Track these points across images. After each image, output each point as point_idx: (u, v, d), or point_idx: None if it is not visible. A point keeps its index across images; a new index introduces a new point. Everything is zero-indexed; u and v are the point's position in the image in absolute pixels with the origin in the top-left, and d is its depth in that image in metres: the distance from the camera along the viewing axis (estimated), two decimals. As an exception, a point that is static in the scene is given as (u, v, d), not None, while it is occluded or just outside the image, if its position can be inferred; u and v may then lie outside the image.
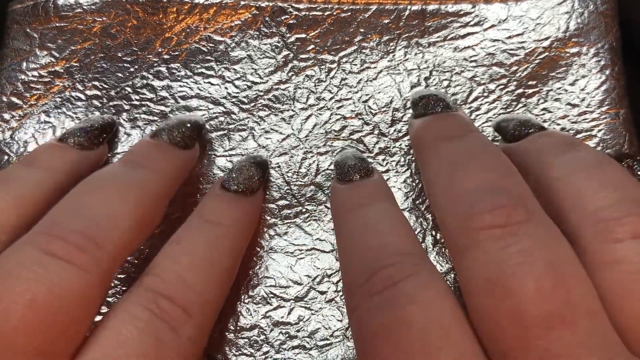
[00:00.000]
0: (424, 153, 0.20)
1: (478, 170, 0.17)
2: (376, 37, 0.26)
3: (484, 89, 0.25)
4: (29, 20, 0.26)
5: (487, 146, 0.19)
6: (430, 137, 0.20)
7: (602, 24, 0.25)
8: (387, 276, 0.16)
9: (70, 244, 0.16)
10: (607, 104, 0.24)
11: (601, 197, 0.16)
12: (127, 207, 0.18)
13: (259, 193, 0.22)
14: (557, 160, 0.18)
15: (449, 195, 0.17)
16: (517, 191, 0.17)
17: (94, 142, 0.22)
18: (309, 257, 0.23)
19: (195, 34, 0.26)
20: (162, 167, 0.20)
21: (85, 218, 0.16)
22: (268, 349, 0.22)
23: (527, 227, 0.15)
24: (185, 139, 0.22)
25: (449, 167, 0.18)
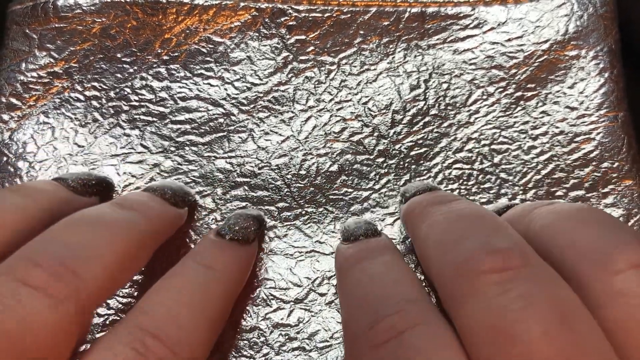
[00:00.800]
0: (414, 220, 0.20)
1: (470, 224, 0.17)
2: (376, 39, 0.26)
3: (483, 92, 0.25)
4: (29, 21, 0.26)
5: (477, 207, 0.19)
6: (420, 207, 0.20)
7: (602, 27, 0.25)
8: (391, 325, 0.16)
9: (47, 272, 0.15)
10: (606, 107, 0.24)
11: (592, 233, 0.16)
12: (112, 242, 0.17)
13: (254, 244, 0.22)
14: (539, 213, 0.18)
15: (442, 248, 0.17)
16: (511, 237, 0.16)
17: (87, 191, 0.22)
18: (308, 259, 0.23)
19: (195, 35, 0.26)
20: (151, 213, 0.20)
21: (66, 247, 0.16)
22: (268, 351, 0.22)
23: (525, 271, 0.15)
24: (176, 198, 0.22)
25: (440, 226, 0.18)
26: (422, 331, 0.15)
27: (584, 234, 0.16)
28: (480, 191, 0.24)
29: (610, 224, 0.16)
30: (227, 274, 0.19)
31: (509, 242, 0.16)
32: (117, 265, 0.17)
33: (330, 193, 0.24)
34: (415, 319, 0.16)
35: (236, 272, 0.20)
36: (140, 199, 0.20)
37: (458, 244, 0.16)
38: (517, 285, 0.14)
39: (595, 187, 0.23)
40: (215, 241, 0.21)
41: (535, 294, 0.14)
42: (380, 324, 0.16)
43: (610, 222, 0.17)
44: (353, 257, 0.20)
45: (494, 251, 0.15)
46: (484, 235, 0.16)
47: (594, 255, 0.15)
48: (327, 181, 0.24)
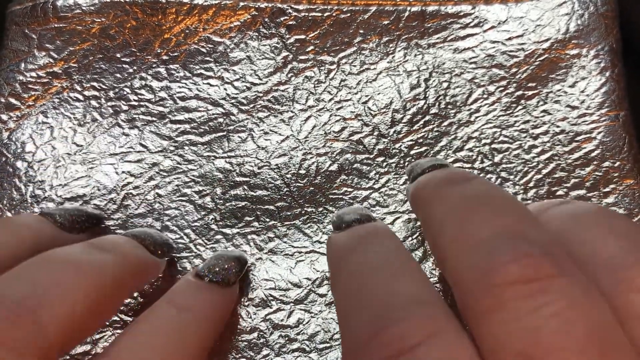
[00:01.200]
0: (426, 203, 0.18)
1: (491, 214, 0.15)
2: (376, 38, 0.25)
3: (483, 91, 0.25)
4: (28, 21, 0.26)
5: (496, 189, 0.16)
6: (431, 187, 0.18)
7: (603, 26, 0.25)
8: (400, 336, 0.13)
9: (5, 309, 0.14)
10: (607, 106, 0.24)
11: (613, 244, 0.14)
12: (79, 284, 0.16)
13: (234, 287, 0.21)
14: (553, 215, 0.16)
15: (460, 246, 0.15)
16: (539, 238, 0.14)
17: (75, 227, 0.21)
18: (308, 259, 0.23)
19: (194, 35, 0.26)
20: (127, 256, 0.19)
21: (28, 286, 0.15)
22: (268, 352, 0.21)
23: (559, 284, 0.13)
24: (155, 246, 0.21)
25: (457, 214, 0.15)
26: (438, 346, 0.13)
27: (604, 245, 0.14)
28: None
29: (631, 234, 0.15)
30: (204, 317, 0.18)
31: (538, 244, 0.14)
32: (84, 310, 0.16)
33: (330, 192, 0.24)
34: (428, 329, 0.13)
35: (214, 314, 0.19)
36: (116, 240, 0.19)
37: (481, 244, 0.14)
38: (551, 301, 0.12)
39: (597, 186, 0.23)
40: (193, 282, 0.19)
41: (572, 316, 0.12)
42: (385, 333, 0.13)
43: (630, 231, 0.15)
44: (347, 245, 0.18)
45: (524, 256, 0.13)
46: (509, 232, 0.14)
47: (617, 270, 0.14)
48: (327, 181, 0.24)
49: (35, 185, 0.24)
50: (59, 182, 0.24)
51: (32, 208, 0.24)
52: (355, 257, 0.17)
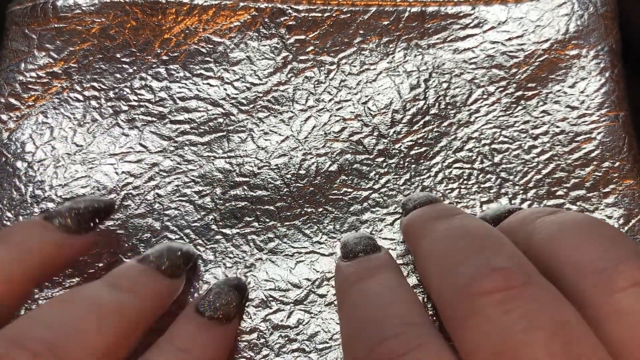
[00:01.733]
0: (415, 236, 0.20)
1: (471, 241, 0.17)
2: (375, 39, 0.26)
3: (483, 91, 0.25)
4: (28, 21, 0.26)
5: (478, 221, 0.19)
6: (421, 221, 0.20)
7: (602, 26, 0.25)
8: (390, 349, 0.15)
9: (30, 352, 0.15)
10: (607, 107, 0.24)
11: (594, 249, 0.16)
12: (100, 328, 0.16)
13: (235, 320, 0.21)
14: (541, 224, 0.18)
15: (443, 267, 0.17)
16: (513, 255, 0.16)
17: (82, 227, 0.20)
18: (308, 259, 0.23)
19: (194, 35, 0.26)
20: (144, 293, 0.19)
21: (51, 329, 0.15)
22: (268, 352, 0.21)
23: (528, 290, 0.15)
24: (173, 268, 0.21)
25: (441, 243, 0.18)
26: (420, 353, 0.15)
27: (585, 251, 0.16)
28: (480, 190, 0.24)
29: (613, 239, 0.16)
30: (206, 358, 0.19)
31: (510, 261, 0.16)
32: (105, 352, 0.16)
33: (329, 193, 0.24)
34: (414, 342, 0.15)
35: (215, 354, 0.19)
36: (134, 276, 0.19)
37: (459, 265, 0.16)
38: (520, 305, 0.14)
39: (596, 186, 0.23)
40: (193, 319, 0.20)
41: (538, 316, 0.14)
42: (379, 347, 0.15)
43: (612, 237, 0.16)
44: (352, 276, 0.19)
45: (495, 270, 0.15)
46: (485, 255, 0.16)
47: (596, 273, 0.15)
48: (326, 181, 0.24)
49: (35, 186, 0.24)
50: (59, 182, 0.24)
51: (32, 208, 0.24)
52: (359, 287, 0.19)
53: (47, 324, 0.16)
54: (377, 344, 0.16)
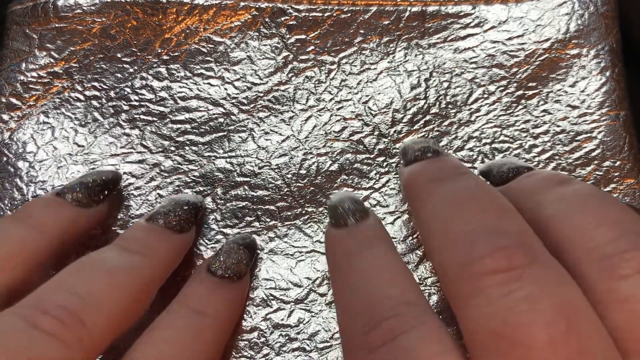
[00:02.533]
0: (416, 197, 0.19)
1: (474, 210, 0.16)
2: (376, 38, 0.26)
3: (484, 91, 0.25)
4: (29, 21, 0.26)
5: (481, 186, 0.18)
6: (422, 181, 0.19)
7: (603, 26, 0.25)
8: (387, 329, 0.15)
9: (54, 317, 0.15)
10: (607, 106, 0.24)
11: (601, 232, 0.16)
12: (115, 291, 0.17)
13: (245, 279, 0.21)
14: (550, 197, 0.18)
15: (445, 238, 0.16)
16: (517, 231, 0.16)
17: (94, 200, 0.21)
18: (309, 259, 0.23)
19: (195, 35, 0.26)
20: (156, 253, 0.19)
21: (72, 296, 0.16)
22: (268, 352, 0.21)
23: (531, 271, 0.14)
24: (181, 223, 0.21)
25: (443, 209, 0.17)
26: (417, 333, 0.15)
27: (593, 234, 0.16)
28: None
29: (621, 222, 0.16)
30: (219, 318, 0.19)
31: (514, 237, 0.15)
32: (122, 313, 0.17)
33: (330, 192, 0.24)
34: (410, 322, 0.15)
35: (228, 314, 0.20)
36: (143, 238, 0.20)
37: (462, 239, 0.16)
38: (523, 286, 0.14)
39: (597, 185, 0.23)
40: (205, 280, 0.20)
41: (541, 297, 0.14)
42: (376, 329, 0.15)
43: (621, 220, 0.16)
44: (344, 247, 0.19)
45: (499, 249, 0.15)
46: (489, 229, 0.16)
47: (601, 258, 0.15)
48: (327, 180, 0.24)
49: (37, 186, 0.24)
50: (61, 183, 0.24)
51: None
52: (352, 261, 0.18)
53: (67, 290, 0.16)
54: (374, 326, 0.16)
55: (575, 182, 0.18)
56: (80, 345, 0.16)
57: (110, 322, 0.17)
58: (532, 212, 0.18)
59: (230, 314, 0.20)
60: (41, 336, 0.15)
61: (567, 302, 0.14)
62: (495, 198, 0.17)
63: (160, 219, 0.21)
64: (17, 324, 0.15)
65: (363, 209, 0.21)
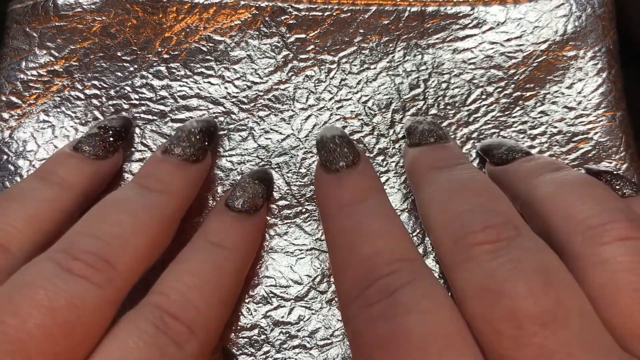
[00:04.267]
0: (418, 181, 0.21)
1: (469, 195, 0.18)
2: (376, 38, 0.26)
3: (482, 92, 0.25)
4: (29, 19, 0.26)
5: (476, 175, 0.20)
6: (424, 167, 0.21)
7: (600, 27, 0.25)
8: (384, 286, 0.16)
9: (86, 263, 0.17)
10: (604, 107, 0.24)
11: (588, 208, 0.17)
12: (137, 230, 0.18)
13: (262, 211, 0.22)
14: (543, 180, 0.19)
15: (442, 217, 0.18)
16: (506, 212, 0.18)
17: (109, 151, 0.22)
18: (309, 256, 0.23)
19: (195, 34, 0.26)
20: (175, 188, 0.20)
21: (98, 240, 0.17)
22: (269, 349, 0.22)
23: (516, 241, 0.16)
24: (197, 152, 0.21)
25: (442, 194, 0.19)
26: (413, 289, 0.16)
27: (579, 210, 0.17)
28: None
29: (605, 200, 0.18)
30: (237, 250, 0.20)
31: (503, 217, 0.17)
32: (147, 251, 0.18)
33: None
34: (406, 278, 0.16)
35: (246, 246, 0.21)
36: (161, 173, 0.21)
37: (458, 218, 0.18)
38: (508, 252, 0.16)
39: None
40: (224, 214, 0.21)
41: (523, 259, 0.16)
42: (372, 287, 0.17)
43: (605, 198, 0.18)
44: (336, 197, 0.20)
45: (490, 226, 0.17)
46: (481, 210, 0.17)
47: (586, 229, 0.17)
48: (327, 180, 0.24)
49: None
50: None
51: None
52: (345, 215, 0.19)
53: (94, 235, 0.17)
54: (372, 283, 0.17)
55: (567, 168, 0.20)
56: (111, 285, 0.17)
57: (136, 261, 0.18)
58: (527, 193, 0.20)
59: (248, 246, 0.21)
60: (75, 279, 0.16)
61: (546, 264, 0.16)
62: (488, 186, 0.19)
63: (175, 150, 0.21)
64: (50, 268, 0.16)
65: (354, 151, 0.21)
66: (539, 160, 0.21)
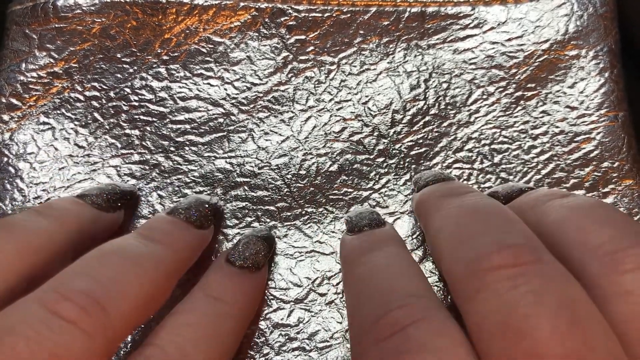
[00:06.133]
0: (427, 212, 0.20)
1: (482, 219, 0.17)
2: (376, 39, 0.26)
3: (483, 92, 0.25)
4: (28, 21, 0.26)
5: (488, 200, 0.19)
6: (433, 198, 0.21)
7: (602, 27, 0.25)
8: (395, 320, 0.15)
9: (77, 305, 0.15)
10: (606, 107, 0.24)
11: (603, 232, 0.16)
12: (138, 278, 0.17)
13: (263, 270, 0.22)
14: (553, 206, 0.18)
15: (453, 243, 0.17)
16: (522, 234, 0.16)
17: (112, 206, 0.22)
18: (308, 259, 0.23)
19: (195, 35, 0.26)
20: (177, 244, 0.20)
21: (94, 282, 0.16)
22: (268, 351, 0.22)
23: (536, 267, 0.15)
24: (201, 219, 0.21)
25: (452, 219, 0.18)
26: (426, 325, 0.15)
27: (595, 234, 0.16)
28: (480, 191, 0.24)
29: (622, 224, 0.16)
30: (237, 306, 0.20)
31: (520, 238, 0.16)
32: (144, 301, 0.17)
33: (330, 193, 0.24)
34: (419, 314, 0.15)
35: (247, 302, 0.20)
36: (166, 229, 0.20)
37: (470, 240, 0.16)
38: (528, 281, 0.14)
39: (596, 186, 0.23)
40: (224, 269, 0.20)
41: (546, 291, 0.14)
42: (384, 319, 0.16)
43: (621, 222, 0.17)
44: (357, 248, 0.20)
45: (505, 247, 0.15)
46: (495, 232, 0.16)
47: (604, 255, 0.16)
48: (327, 181, 0.24)
49: (38, 187, 0.24)
50: (62, 184, 0.24)
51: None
52: (364, 260, 0.19)
53: (88, 276, 0.16)
54: (382, 315, 0.16)
55: (576, 195, 0.19)
56: (103, 335, 0.15)
57: (133, 311, 0.16)
58: (535, 222, 0.18)
59: (248, 303, 0.20)
60: (62, 325, 0.14)
61: (570, 296, 0.14)
62: (502, 210, 0.18)
63: (181, 212, 0.21)
64: (37, 311, 0.15)
65: (380, 219, 0.22)
66: (542, 190, 0.20)
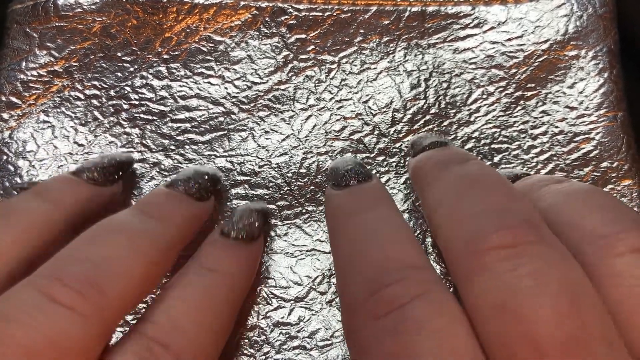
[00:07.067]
0: (424, 182, 0.20)
1: (482, 193, 0.17)
2: (376, 38, 0.26)
3: (483, 91, 0.25)
4: (29, 20, 0.26)
5: (488, 170, 0.18)
6: (429, 166, 0.20)
7: (601, 27, 0.25)
8: (393, 296, 0.15)
9: (72, 289, 0.15)
10: (605, 107, 0.24)
11: (598, 217, 0.16)
12: (135, 257, 0.17)
13: (259, 241, 0.21)
14: (548, 192, 0.18)
15: (452, 219, 0.17)
16: (524, 211, 0.16)
17: (109, 179, 0.22)
18: (309, 257, 0.23)
19: (195, 34, 0.26)
20: (175, 219, 0.19)
21: (90, 264, 0.16)
22: (268, 350, 0.22)
23: (536, 248, 0.15)
24: (201, 191, 0.21)
25: (451, 192, 0.18)
26: (424, 303, 0.15)
27: (589, 218, 0.16)
28: None
29: (616, 209, 0.16)
30: (232, 276, 0.19)
31: (520, 217, 0.15)
32: (142, 280, 0.17)
33: None
34: (417, 289, 0.15)
35: (241, 273, 0.20)
36: (164, 203, 0.20)
37: (468, 218, 0.16)
38: (527, 262, 0.14)
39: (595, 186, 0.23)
40: (219, 241, 0.20)
41: (545, 273, 0.14)
42: (380, 293, 0.15)
43: (616, 207, 0.17)
44: (346, 207, 0.19)
45: (504, 227, 0.15)
46: (496, 207, 0.16)
47: (598, 239, 0.16)
48: (327, 180, 0.24)
49: None
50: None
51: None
52: (353, 221, 0.18)
53: (84, 257, 0.16)
54: (378, 289, 0.15)
55: (572, 180, 0.19)
56: (100, 317, 0.15)
57: (130, 290, 0.16)
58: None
59: (244, 272, 0.20)
60: (58, 310, 0.14)
61: (570, 279, 0.14)
62: (502, 181, 0.17)
63: (180, 185, 0.21)
64: (33, 297, 0.15)
65: (366, 172, 0.21)
66: (538, 176, 0.20)
